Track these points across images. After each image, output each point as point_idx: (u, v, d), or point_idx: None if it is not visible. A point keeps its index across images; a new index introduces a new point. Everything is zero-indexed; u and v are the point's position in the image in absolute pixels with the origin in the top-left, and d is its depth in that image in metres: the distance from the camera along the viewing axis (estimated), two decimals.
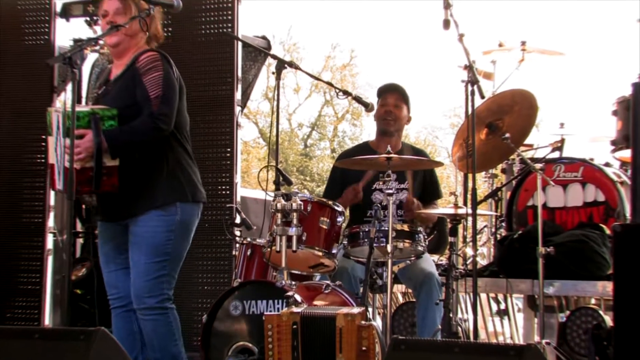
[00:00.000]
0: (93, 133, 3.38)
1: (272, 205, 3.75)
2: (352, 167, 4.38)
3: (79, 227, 5.99)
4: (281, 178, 3.96)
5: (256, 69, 5.71)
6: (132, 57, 3.64)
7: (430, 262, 4.40)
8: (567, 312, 4.84)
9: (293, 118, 26.43)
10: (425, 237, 4.10)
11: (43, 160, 5.14)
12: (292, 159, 25.29)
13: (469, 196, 3.87)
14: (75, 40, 5.52)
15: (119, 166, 3.48)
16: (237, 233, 4.50)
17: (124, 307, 3.65)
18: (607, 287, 4.65)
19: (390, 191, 3.85)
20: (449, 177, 22.53)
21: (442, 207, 4.49)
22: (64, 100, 3.65)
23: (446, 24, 3.81)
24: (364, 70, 27.26)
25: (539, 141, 6.39)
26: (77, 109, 3.34)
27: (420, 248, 4.04)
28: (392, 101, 4.70)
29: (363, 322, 3.23)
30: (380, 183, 4.39)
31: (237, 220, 4.44)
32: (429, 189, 4.76)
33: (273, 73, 4.16)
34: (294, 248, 3.71)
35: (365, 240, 3.92)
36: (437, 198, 4.82)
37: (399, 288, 5.33)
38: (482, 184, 7.12)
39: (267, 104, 25.62)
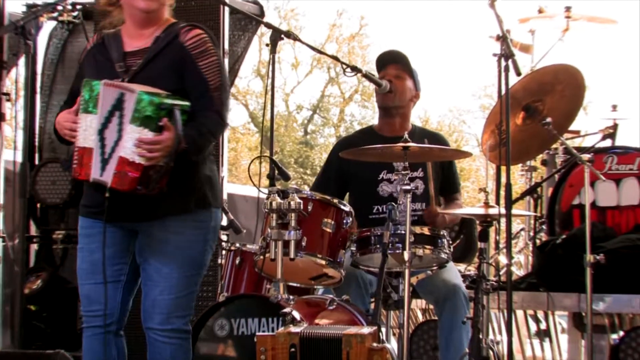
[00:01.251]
0: (175, 130, 3.37)
1: (265, 204, 3.76)
2: (358, 159, 4.39)
3: (33, 230, 6.03)
4: (276, 171, 3.97)
5: (246, 40, 5.72)
6: (164, 30, 3.60)
7: (455, 273, 4.41)
8: (621, 333, 4.86)
9: (291, 99, 26.51)
10: (450, 242, 4.10)
11: None
12: (290, 149, 25.35)
13: (502, 193, 3.88)
14: (29, 6, 5.55)
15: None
16: (224, 238, 4.50)
17: (105, 328, 3.59)
18: None
19: (407, 187, 3.84)
20: (478, 170, 22.58)
21: (470, 207, 4.49)
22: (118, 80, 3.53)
23: None
24: (376, 41, 27.21)
25: (587, 127, 6.41)
26: (158, 94, 3.35)
27: (443, 256, 4.05)
28: (393, 71, 4.71)
29: (375, 344, 3.23)
30: (391, 175, 4.37)
31: (224, 222, 4.45)
32: (447, 183, 4.75)
33: (267, 45, 4.15)
34: (292, 255, 3.72)
35: (378, 246, 3.93)
36: (456, 192, 4.81)
37: (418, 304, 5.35)
38: (519, 178, 7.14)
39: (260, 82, 25.68)
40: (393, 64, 4.74)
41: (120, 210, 3.49)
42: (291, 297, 3.70)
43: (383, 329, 3.83)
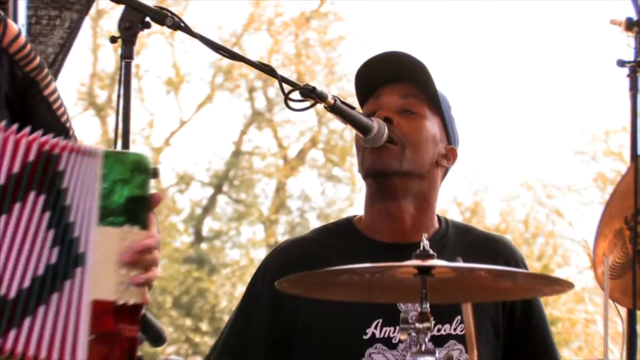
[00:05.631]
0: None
1: None
2: (317, 296, 4.43)
3: None
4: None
5: (67, 29, 5.81)
6: None
7: None
8: None
9: (165, 158, 26.80)
10: None
11: None
12: (166, 273, 25.55)
13: None
14: None
15: None
16: None
17: None
18: None
19: (428, 358, 3.94)
20: (590, 324, 22.80)
21: None
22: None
23: None
24: (357, 30, 27.76)
25: None
26: (123, 152, 3.80)
27: None
28: (395, 100, 4.83)
29: None
30: (393, 329, 4.44)
31: None
32: (523, 351, 4.92)
33: (112, 40, 4.21)
34: None
35: None
36: None
37: None
38: None
39: (95, 120, 25.94)
40: (397, 84, 4.83)
41: None
42: None
43: None
